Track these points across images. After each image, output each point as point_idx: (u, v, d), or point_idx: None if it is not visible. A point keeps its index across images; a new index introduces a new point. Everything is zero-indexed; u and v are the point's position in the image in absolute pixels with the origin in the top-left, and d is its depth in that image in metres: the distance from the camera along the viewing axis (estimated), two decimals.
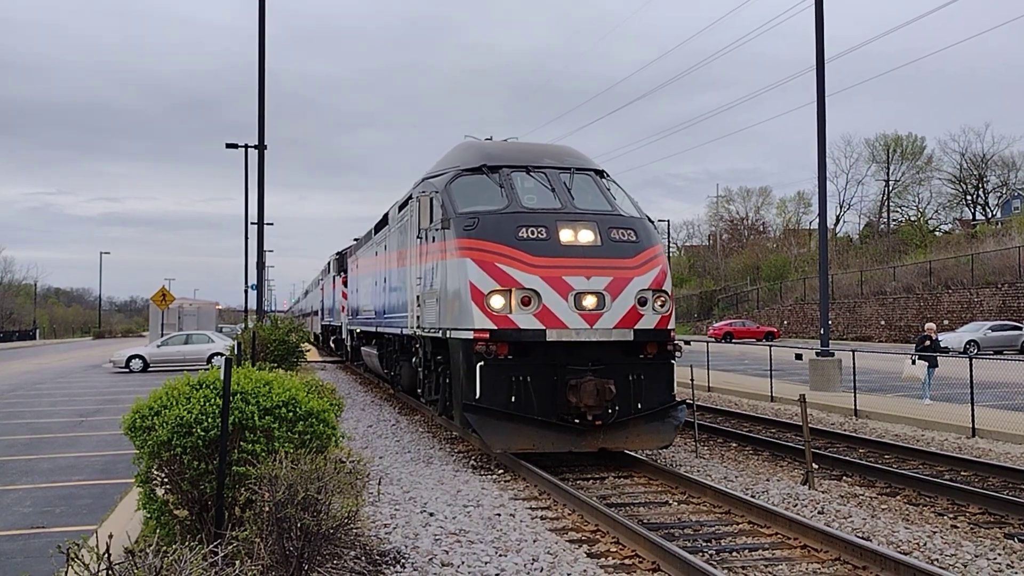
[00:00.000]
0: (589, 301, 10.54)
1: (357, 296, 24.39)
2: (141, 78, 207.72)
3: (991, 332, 38.50)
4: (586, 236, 10.87)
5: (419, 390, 14.49)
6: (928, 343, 18.76)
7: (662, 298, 11.00)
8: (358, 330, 23.91)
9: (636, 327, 10.72)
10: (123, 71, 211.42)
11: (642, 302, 10.79)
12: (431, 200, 12.19)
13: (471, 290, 10.57)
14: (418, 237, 13.16)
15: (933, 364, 18.24)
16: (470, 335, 10.52)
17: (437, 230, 11.94)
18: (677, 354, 11.28)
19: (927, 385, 18.15)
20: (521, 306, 10.46)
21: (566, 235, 10.81)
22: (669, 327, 11.08)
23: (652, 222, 11.93)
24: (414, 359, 14.54)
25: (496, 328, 10.45)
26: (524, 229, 10.79)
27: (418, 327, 13.20)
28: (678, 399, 11.23)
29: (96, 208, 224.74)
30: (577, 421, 10.47)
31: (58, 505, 9.44)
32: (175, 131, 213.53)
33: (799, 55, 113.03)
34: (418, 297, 13.11)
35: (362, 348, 23.13)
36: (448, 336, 11.33)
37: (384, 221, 18.84)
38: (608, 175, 12.59)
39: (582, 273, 10.58)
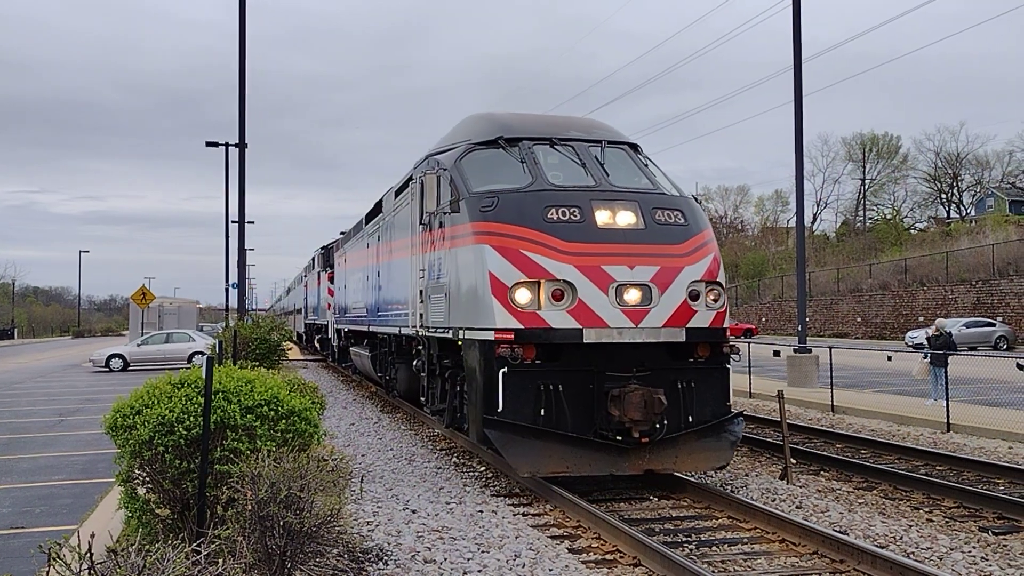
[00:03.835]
0: (633, 295, 9.09)
1: (345, 293, 23.04)
2: (127, 75, 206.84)
3: (965, 328, 38.94)
4: (626, 218, 9.37)
5: (422, 398, 12.70)
6: (927, 340, 17.75)
7: (716, 291, 9.60)
8: (346, 329, 22.58)
9: (688, 326, 9.27)
10: (109, 68, 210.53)
11: (694, 296, 9.36)
12: (438, 179, 10.70)
13: (491, 282, 9.07)
14: (421, 223, 11.65)
15: (938, 363, 16.63)
16: (490, 336, 8.99)
17: (446, 214, 10.38)
18: (734, 357, 9.83)
19: (934, 385, 17.01)
20: (552, 301, 8.97)
21: (603, 216, 9.28)
22: (724, 325, 9.66)
23: (699, 202, 10.49)
24: (415, 362, 12.91)
25: (523, 328, 8.92)
26: (554, 210, 9.24)
27: (421, 326, 11.70)
28: (734, 409, 9.76)
29: (79, 206, 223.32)
30: (619, 438, 9.00)
31: (38, 505, 9.38)
32: (161, 129, 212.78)
33: (780, 55, 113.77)
34: (421, 292, 11.62)
35: (351, 348, 21.67)
36: (461, 337, 9.82)
37: (377, 209, 17.19)
38: (642, 150, 11.20)
39: (624, 262, 9.11)
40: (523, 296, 9.00)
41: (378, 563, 6.73)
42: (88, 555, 4.18)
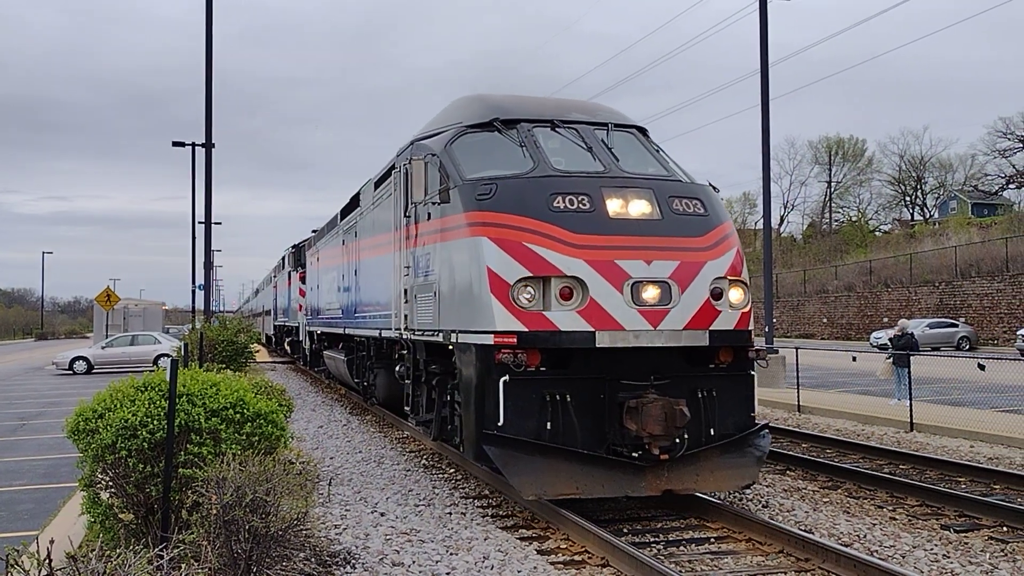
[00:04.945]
0: (651, 293, 8.12)
1: (318, 293, 21.74)
2: (93, 73, 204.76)
3: (928, 329, 39.59)
4: (640, 207, 8.41)
5: (406, 407, 11.44)
6: (890, 340, 17.90)
7: (740, 289, 8.77)
8: (320, 331, 21.45)
9: (711, 328, 8.35)
10: (74, 66, 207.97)
11: (717, 295, 8.44)
12: (425, 166, 9.61)
13: (490, 279, 8.07)
14: (406, 216, 10.65)
15: (902, 363, 16.68)
16: (489, 340, 7.97)
17: (435, 204, 9.34)
18: (760, 363, 8.84)
19: (898, 385, 17.07)
20: (560, 300, 7.99)
21: (614, 205, 8.32)
22: (749, 327, 8.77)
23: (717, 191, 9.64)
24: (398, 368, 11.73)
25: (527, 330, 7.93)
26: (560, 197, 8.25)
27: (406, 328, 10.63)
28: (759, 420, 8.83)
29: (44, 207, 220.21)
30: (636, 454, 8.07)
31: None
32: (128, 128, 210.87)
33: (748, 58, 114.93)
34: (406, 291, 10.60)
35: (325, 352, 20.41)
36: (454, 341, 8.79)
37: (354, 203, 15.92)
38: (650, 134, 10.39)
39: (640, 256, 8.14)
40: (527, 295, 8.03)
41: (346, 566, 6.70)
42: (47, 561, 4.11)
